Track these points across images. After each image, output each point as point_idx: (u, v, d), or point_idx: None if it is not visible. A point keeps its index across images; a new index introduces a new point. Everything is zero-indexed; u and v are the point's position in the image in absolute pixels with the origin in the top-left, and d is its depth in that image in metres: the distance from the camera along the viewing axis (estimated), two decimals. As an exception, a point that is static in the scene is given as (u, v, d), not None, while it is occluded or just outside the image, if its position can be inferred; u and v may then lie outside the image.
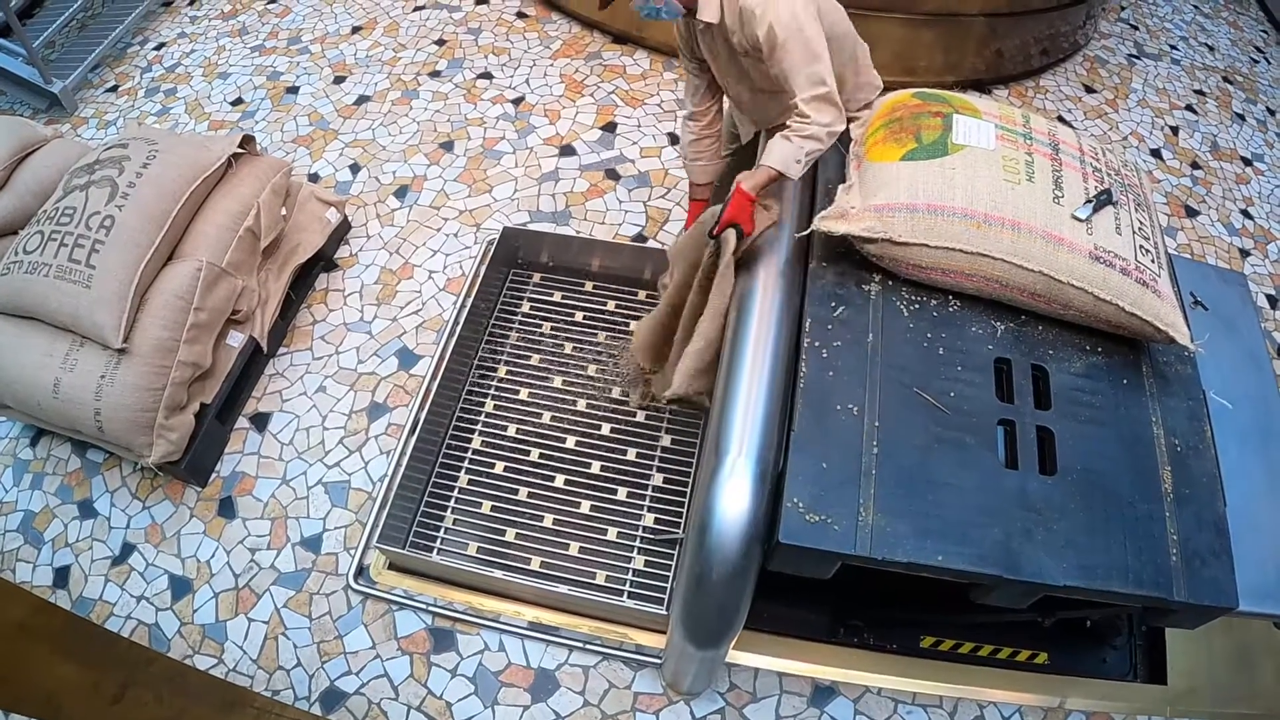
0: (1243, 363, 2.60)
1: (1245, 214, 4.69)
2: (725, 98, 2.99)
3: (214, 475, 3.34)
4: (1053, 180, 2.19)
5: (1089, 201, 2.18)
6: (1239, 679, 2.82)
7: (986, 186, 2.14)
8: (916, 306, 2.20)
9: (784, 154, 2.31)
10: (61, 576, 3.15)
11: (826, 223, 2.18)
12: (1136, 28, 5.86)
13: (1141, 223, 2.25)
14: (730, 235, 2.33)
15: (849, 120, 2.58)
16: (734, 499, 1.89)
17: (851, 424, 1.97)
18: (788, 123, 2.34)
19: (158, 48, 5.15)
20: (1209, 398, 2.26)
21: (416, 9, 5.30)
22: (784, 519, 1.84)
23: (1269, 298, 4.31)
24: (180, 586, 3.10)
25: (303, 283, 3.77)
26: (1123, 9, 6.00)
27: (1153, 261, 2.18)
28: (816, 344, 2.09)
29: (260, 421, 3.47)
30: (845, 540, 1.82)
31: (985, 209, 2.10)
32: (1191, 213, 4.61)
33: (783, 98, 2.47)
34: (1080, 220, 2.13)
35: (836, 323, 2.14)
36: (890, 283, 2.24)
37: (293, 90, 4.78)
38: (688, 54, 2.83)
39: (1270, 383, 2.61)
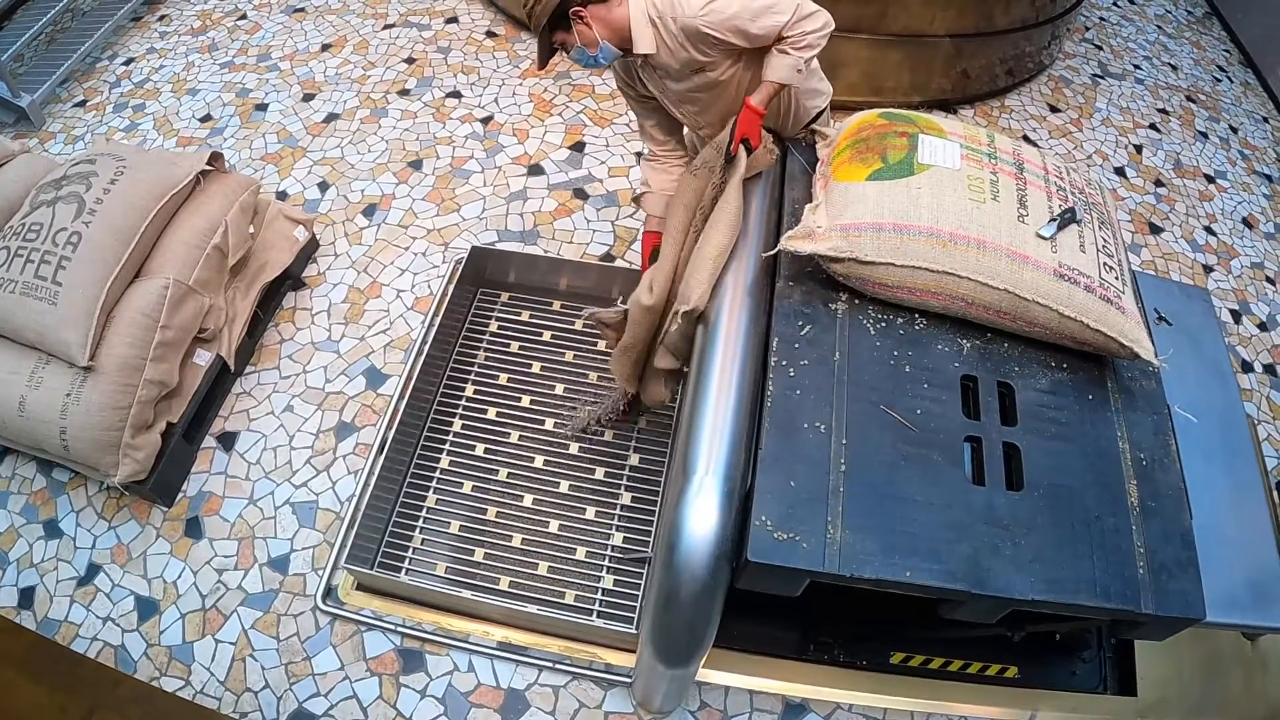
0: (1207, 377, 2.64)
1: (1208, 230, 4.76)
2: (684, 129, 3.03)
3: (180, 495, 3.31)
4: (1018, 199, 2.21)
5: (1053, 220, 2.19)
6: (1209, 688, 2.84)
7: (952, 206, 2.15)
8: (883, 325, 2.20)
9: (785, 66, 2.44)
10: (26, 597, 3.11)
11: (793, 242, 2.19)
12: (1101, 48, 5.94)
13: (1105, 240, 2.27)
14: (742, 153, 2.43)
15: (814, 136, 2.61)
16: (702, 518, 1.88)
17: (819, 442, 1.97)
18: (779, 44, 2.45)
19: (127, 63, 5.12)
20: (1174, 412, 2.27)
21: (386, 27, 5.30)
22: (752, 537, 1.83)
23: (1232, 312, 4.38)
24: (147, 607, 3.06)
25: (270, 301, 3.75)
26: (1087, 30, 6.09)
27: (1117, 278, 2.20)
28: (783, 363, 2.09)
29: (227, 441, 3.45)
30: (814, 558, 1.82)
31: (951, 228, 2.12)
32: (1155, 230, 4.67)
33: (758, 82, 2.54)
34: (1045, 238, 2.15)
35: (803, 341, 2.14)
36: (857, 301, 2.24)
37: (261, 107, 4.77)
38: (633, 94, 2.87)
39: (1234, 396, 2.65)
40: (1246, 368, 4.18)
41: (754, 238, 2.43)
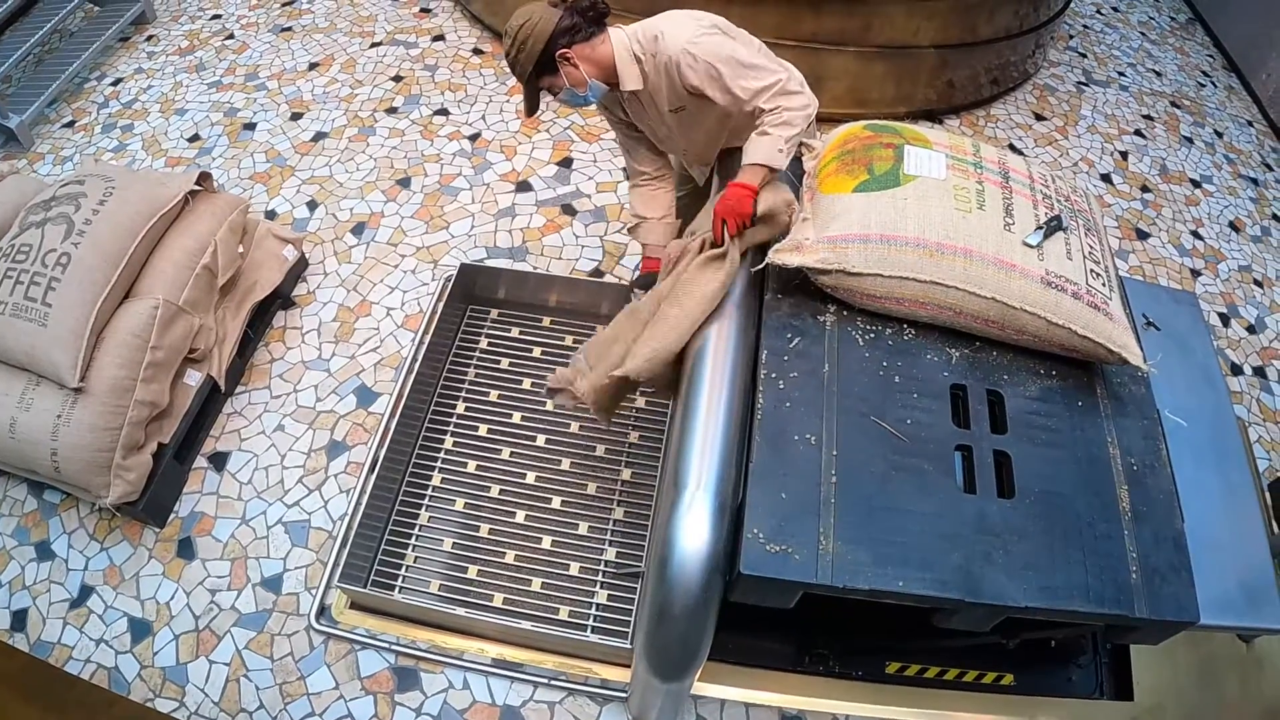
0: (1196, 381, 2.64)
1: (1195, 235, 4.78)
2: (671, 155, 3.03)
3: (172, 516, 3.30)
4: (1004, 208, 2.22)
5: (1040, 228, 2.21)
6: (1205, 692, 2.84)
7: (938, 216, 2.16)
8: (872, 336, 2.21)
9: (766, 146, 2.32)
10: (19, 619, 3.09)
11: (781, 255, 2.20)
12: (1085, 55, 5.98)
13: (1092, 247, 2.29)
14: (733, 244, 2.31)
15: (801, 148, 2.61)
16: (694, 532, 1.88)
17: (810, 454, 1.98)
18: (759, 122, 2.37)
19: (115, 83, 5.12)
20: (1164, 416, 2.29)
21: (373, 45, 5.31)
22: (744, 550, 1.84)
23: (1221, 316, 4.39)
24: (140, 629, 3.05)
25: (260, 321, 3.75)
26: (1071, 38, 6.12)
27: (1104, 285, 2.21)
28: (773, 375, 2.10)
29: (219, 461, 3.44)
30: (806, 570, 1.83)
31: (938, 238, 2.13)
32: (1143, 235, 4.70)
33: (743, 117, 2.50)
34: (1031, 246, 2.16)
35: (792, 354, 2.15)
36: (845, 313, 2.25)
37: (250, 127, 4.77)
38: (620, 124, 2.87)
39: (1224, 399, 2.66)
40: (1236, 370, 4.19)
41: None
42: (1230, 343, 4.31)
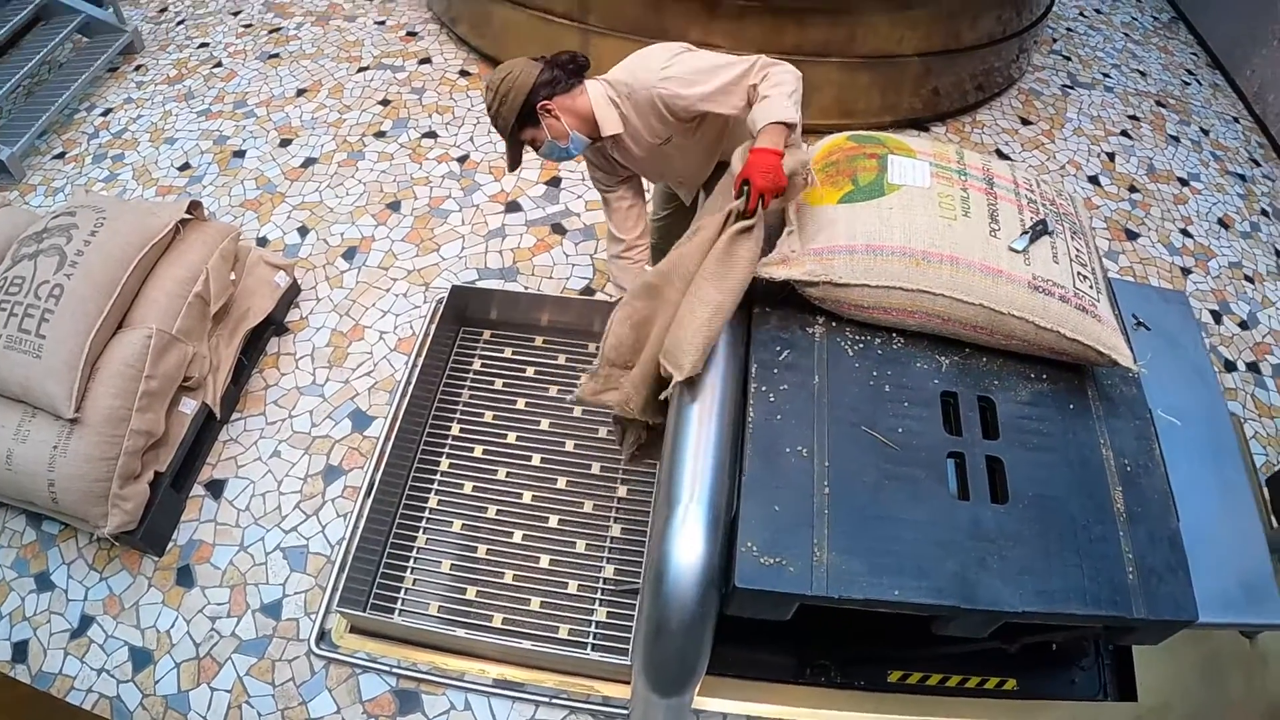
0: (1189, 379, 2.64)
1: (1184, 233, 4.80)
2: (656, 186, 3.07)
3: (171, 544, 3.30)
4: (989, 214, 2.23)
5: (1025, 233, 2.21)
6: (1209, 690, 2.83)
7: (923, 224, 2.17)
8: (861, 346, 2.22)
9: (777, 106, 2.29)
10: (20, 651, 3.09)
11: (768, 269, 2.20)
12: (1069, 59, 6.01)
13: (1078, 250, 2.29)
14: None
15: None
16: (688, 547, 1.88)
17: (802, 466, 1.98)
18: (754, 95, 2.39)
19: (105, 114, 5.15)
20: (1157, 416, 2.29)
21: (360, 70, 5.34)
22: (739, 563, 1.84)
23: (1213, 313, 4.41)
24: (141, 658, 3.05)
25: (254, 347, 3.76)
26: (1054, 41, 6.16)
27: (1091, 287, 2.22)
28: (763, 389, 2.11)
29: (216, 488, 3.44)
30: (801, 581, 1.83)
31: (923, 246, 2.13)
32: (1132, 235, 4.71)
33: (738, 125, 2.51)
34: (1017, 251, 2.17)
35: (782, 366, 2.15)
36: (834, 324, 2.25)
37: (239, 154, 4.79)
38: (610, 178, 2.86)
39: (1217, 396, 2.66)
40: (1230, 367, 4.20)
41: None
42: (1223, 339, 4.32)
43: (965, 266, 2.12)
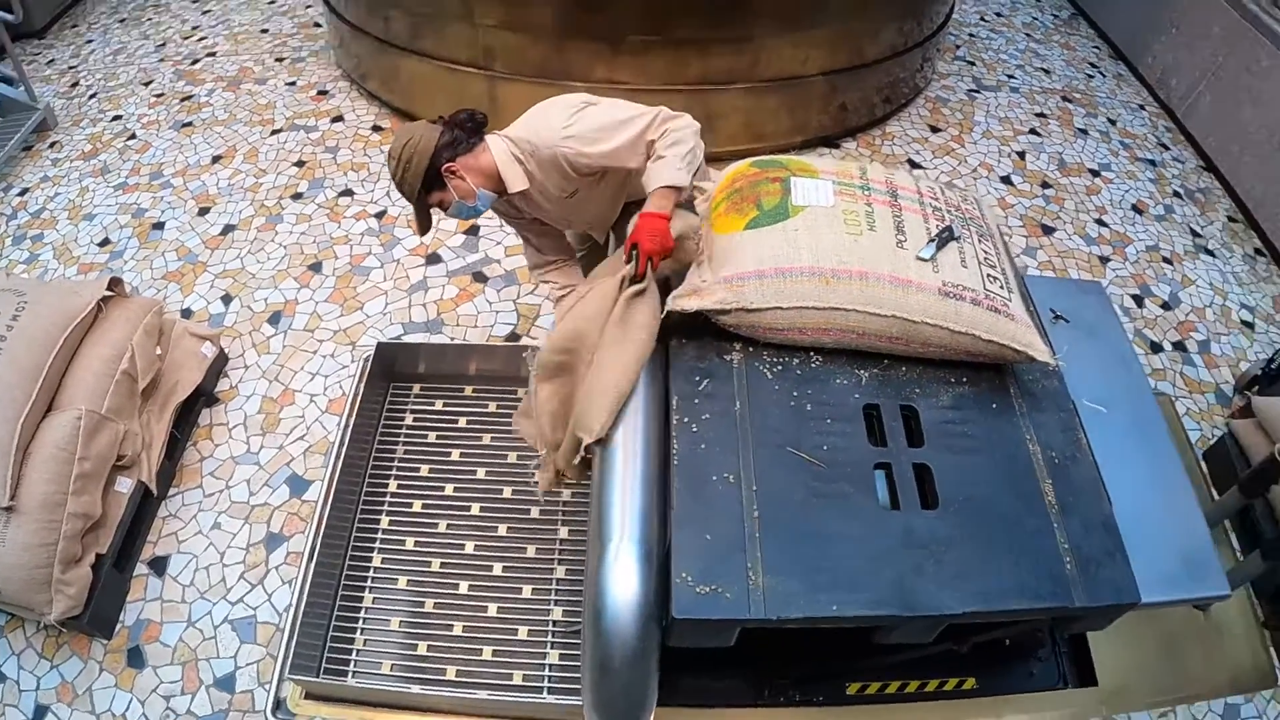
0: (1112, 365, 2.67)
1: (1100, 222, 4.91)
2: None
3: (119, 625, 3.26)
4: (894, 226, 2.27)
5: (931, 241, 2.25)
6: (1168, 666, 2.86)
7: (830, 242, 2.20)
8: (780, 368, 2.23)
9: (668, 170, 2.36)
10: (-24, 746, 3.02)
11: (679, 301, 2.22)
12: (973, 64, 6.15)
13: (987, 252, 2.34)
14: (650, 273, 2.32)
15: (693, 192, 2.65)
16: (623, 584, 1.89)
17: (730, 493, 1.99)
18: (651, 152, 2.43)
19: (21, 194, 5.09)
20: (1082, 406, 2.33)
21: (274, 133, 5.33)
22: (675, 594, 1.84)
23: (1135, 298, 4.52)
24: (97, 745, 2.98)
25: (186, 420, 3.72)
26: (958, 48, 6.30)
27: (1002, 288, 2.25)
28: (685, 420, 2.11)
29: (159, 565, 3.40)
30: (739, 606, 1.83)
31: (831, 264, 2.16)
32: (1048, 230, 4.82)
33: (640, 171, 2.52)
34: (925, 260, 2.20)
35: (702, 396, 2.16)
36: (751, 349, 2.27)
37: (159, 226, 4.75)
38: (516, 221, 2.93)
39: (1141, 379, 2.70)
40: (1156, 348, 4.30)
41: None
42: (1147, 322, 4.42)
43: (874, 280, 2.15)
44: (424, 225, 2.65)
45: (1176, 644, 2.90)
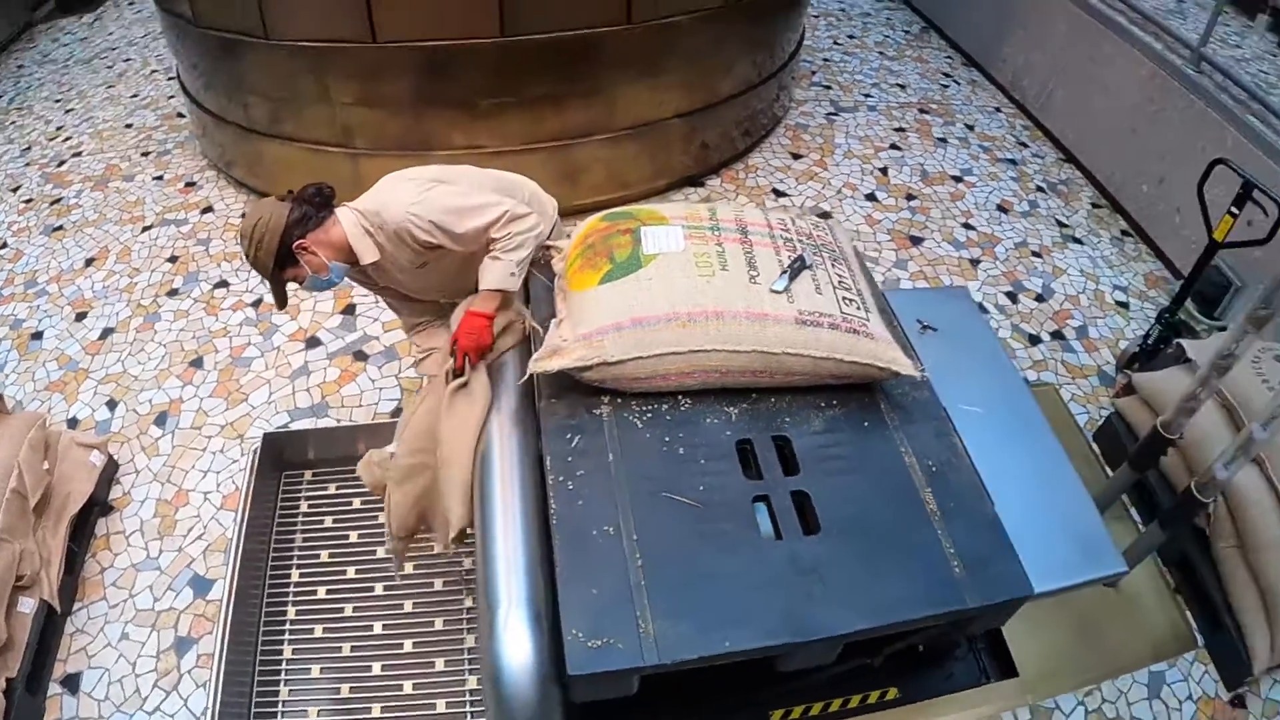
0: (984, 366, 2.76)
1: (967, 226, 5.07)
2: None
3: (37, 751, 3.13)
4: (747, 262, 2.33)
5: (784, 272, 2.32)
6: (1088, 645, 2.95)
7: (683, 286, 2.26)
8: (649, 415, 2.27)
9: (499, 273, 2.52)
10: None
11: (541, 364, 2.26)
12: (829, 87, 6.32)
13: (841, 276, 2.41)
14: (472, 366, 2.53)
15: (549, 252, 2.72)
16: (516, 648, 1.91)
17: (611, 545, 2.01)
18: (491, 248, 2.53)
19: (-107, 316, 4.92)
20: (957, 410, 2.41)
21: (145, 229, 5.24)
22: (568, 651, 1.85)
23: (1009, 294, 4.66)
24: None
25: (82, 532, 3.62)
26: (813, 74, 6.47)
27: (859, 309, 2.33)
28: (561, 478, 2.13)
29: (72, 683, 3.29)
30: (632, 655, 1.85)
31: (687, 308, 2.22)
32: (917, 240, 4.96)
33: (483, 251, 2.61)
34: (779, 292, 2.27)
35: (575, 453, 2.19)
36: (620, 400, 2.31)
37: (37, 336, 4.63)
38: (375, 290, 3.04)
39: (1013, 374, 2.80)
40: (1034, 340, 4.44)
41: (509, 365, 2.55)
42: (1024, 316, 4.56)
43: (731, 318, 2.21)
44: (281, 300, 2.67)
45: (1093, 624, 2.99)
